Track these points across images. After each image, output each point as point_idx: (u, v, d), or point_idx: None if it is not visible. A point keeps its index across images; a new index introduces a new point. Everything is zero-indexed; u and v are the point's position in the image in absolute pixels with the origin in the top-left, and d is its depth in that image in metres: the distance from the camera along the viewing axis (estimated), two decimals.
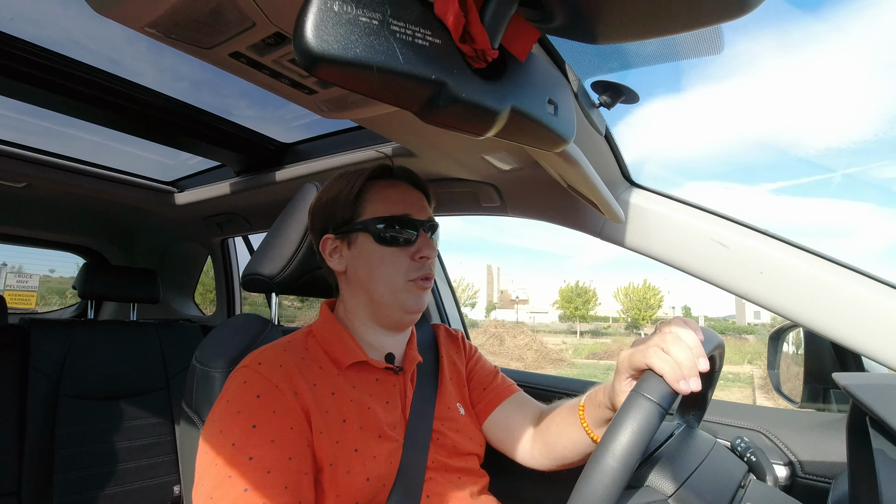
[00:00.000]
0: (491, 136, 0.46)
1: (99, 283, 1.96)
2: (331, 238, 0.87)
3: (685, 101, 26.49)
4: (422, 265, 0.84)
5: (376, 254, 0.83)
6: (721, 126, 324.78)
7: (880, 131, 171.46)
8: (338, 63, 0.32)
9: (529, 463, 0.93)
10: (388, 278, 0.82)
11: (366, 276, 0.84)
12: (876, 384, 0.59)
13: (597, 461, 0.55)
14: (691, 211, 1.00)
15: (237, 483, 0.63)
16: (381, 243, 0.82)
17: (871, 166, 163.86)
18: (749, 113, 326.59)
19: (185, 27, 0.64)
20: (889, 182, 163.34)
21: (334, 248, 0.87)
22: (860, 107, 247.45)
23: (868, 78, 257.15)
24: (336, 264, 0.87)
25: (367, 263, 0.83)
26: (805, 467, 0.99)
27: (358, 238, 0.84)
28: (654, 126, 23.79)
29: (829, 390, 1.12)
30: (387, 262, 0.82)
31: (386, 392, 0.84)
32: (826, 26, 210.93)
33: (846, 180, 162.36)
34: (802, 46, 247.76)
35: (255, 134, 1.50)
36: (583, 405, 0.82)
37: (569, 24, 0.43)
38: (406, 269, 0.83)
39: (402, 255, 0.83)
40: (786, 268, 0.88)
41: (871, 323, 0.81)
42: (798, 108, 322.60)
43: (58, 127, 1.53)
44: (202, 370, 0.92)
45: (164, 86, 1.28)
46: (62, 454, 1.57)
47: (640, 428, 0.55)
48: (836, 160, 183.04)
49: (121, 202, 1.95)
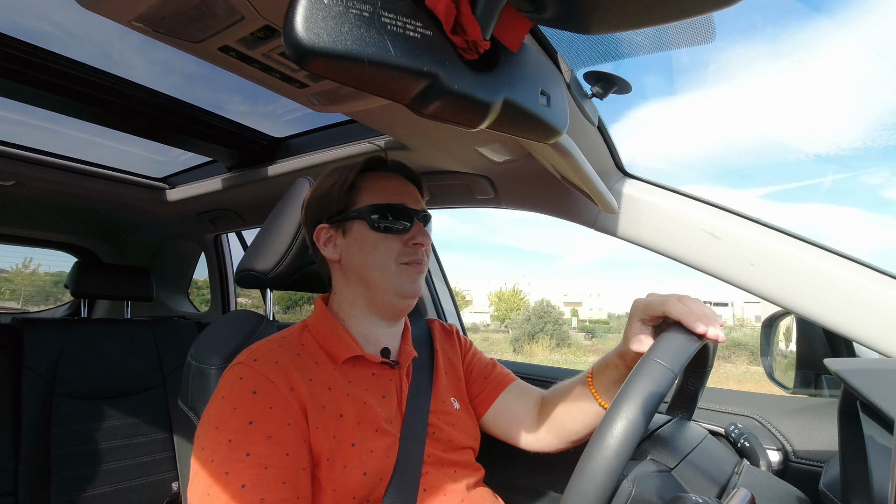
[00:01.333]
0: (484, 128, 0.46)
1: (91, 282, 1.94)
2: (325, 227, 0.87)
3: (675, 106, 26.33)
4: (414, 251, 0.85)
5: (371, 241, 0.83)
6: (712, 131, 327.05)
7: (868, 139, 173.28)
8: (328, 56, 0.32)
9: (536, 446, 0.94)
10: (381, 262, 0.83)
11: (360, 263, 0.84)
12: (866, 369, 0.60)
13: (610, 419, 0.55)
14: (684, 200, 1.00)
15: (235, 479, 0.63)
16: (375, 230, 0.83)
17: (860, 173, 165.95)
18: (741, 118, 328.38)
19: (173, 21, 0.63)
20: (876, 188, 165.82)
21: (328, 238, 0.87)
22: (849, 115, 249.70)
23: (856, 87, 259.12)
24: (330, 253, 0.87)
25: (361, 250, 0.84)
26: (798, 452, 1.00)
27: (353, 226, 0.84)
28: (644, 130, 23.43)
29: (820, 376, 1.14)
30: (380, 247, 0.83)
31: (382, 386, 0.84)
32: (814, 35, 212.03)
33: (836, 186, 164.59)
34: (792, 53, 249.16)
35: (247, 129, 1.49)
36: (591, 373, 0.86)
37: (560, 14, 0.43)
38: (398, 253, 0.84)
39: (395, 241, 0.84)
40: (777, 255, 0.89)
41: (861, 309, 0.82)
42: (789, 114, 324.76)
43: (47, 124, 1.51)
44: (197, 367, 0.92)
45: (153, 81, 1.26)
46: (58, 453, 1.56)
47: (651, 390, 0.56)
48: (826, 166, 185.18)
49: (112, 199, 1.93)
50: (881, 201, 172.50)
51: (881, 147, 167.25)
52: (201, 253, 2.60)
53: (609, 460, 0.52)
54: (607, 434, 0.53)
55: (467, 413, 0.96)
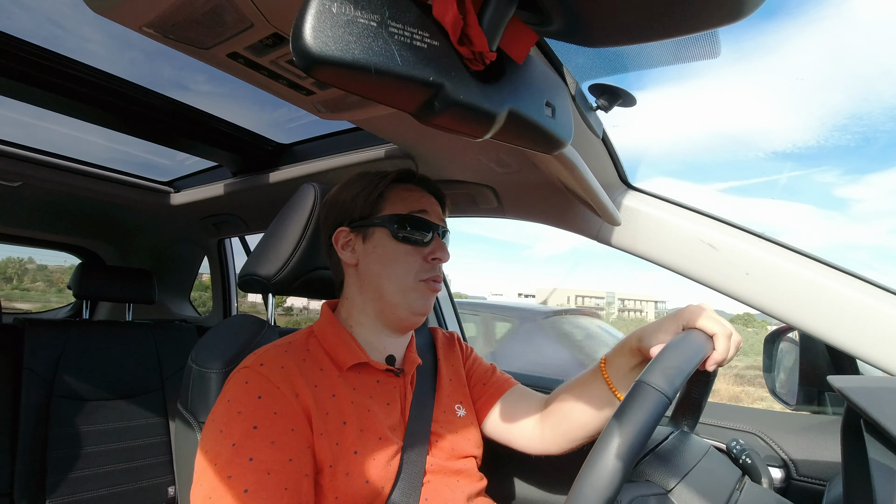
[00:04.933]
0: (488, 139, 0.46)
1: (94, 284, 1.95)
2: (345, 231, 0.86)
3: (639, 100, 26.76)
4: (433, 267, 0.85)
5: (390, 251, 0.83)
6: (672, 126, 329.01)
7: (822, 138, 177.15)
8: (336, 64, 0.32)
9: (539, 447, 0.92)
10: (399, 276, 0.83)
11: (377, 272, 0.84)
12: (870, 387, 0.60)
13: (603, 444, 0.53)
14: (686, 213, 1.00)
15: (237, 484, 0.63)
16: (396, 240, 0.83)
17: (813, 171, 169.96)
18: (703, 114, 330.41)
19: (183, 27, 0.64)
20: (828, 186, 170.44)
21: (347, 241, 0.87)
22: (806, 115, 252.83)
23: (813, 89, 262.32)
24: (348, 257, 0.86)
25: (381, 259, 0.83)
26: (800, 469, 0.99)
27: (374, 233, 0.84)
28: (605, 123, 23.69)
29: (824, 393, 1.13)
30: (400, 260, 0.83)
31: (387, 394, 0.84)
32: (774, 39, 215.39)
33: (791, 182, 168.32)
34: (753, 54, 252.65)
35: (253, 134, 1.50)
36: (605, 360, 0.85)
37: (566, 27, 0.43)
38: (418, 269, 0.83)
39: (415, 255, 0.84)
40: (777, 270, 0.89)
41: (864, 325, 0.82)
42: (750, 112, 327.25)
43: (54, 126, 1.52)
44: (198, 371, 0.92)
45: (161, 86, 1.28)
46: (55, 455, 1.56)
47: (646, 417, 0.54)
48: (783, 163, 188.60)
49: (117, 202, 1.94)
50: (832, 199, 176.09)
51: (833, 147, 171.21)
52: (204, 257, 2.60)
53: (601, 491, 0.51)
54: (598, 463, 0.52)
55: (472, 420, 0.95)
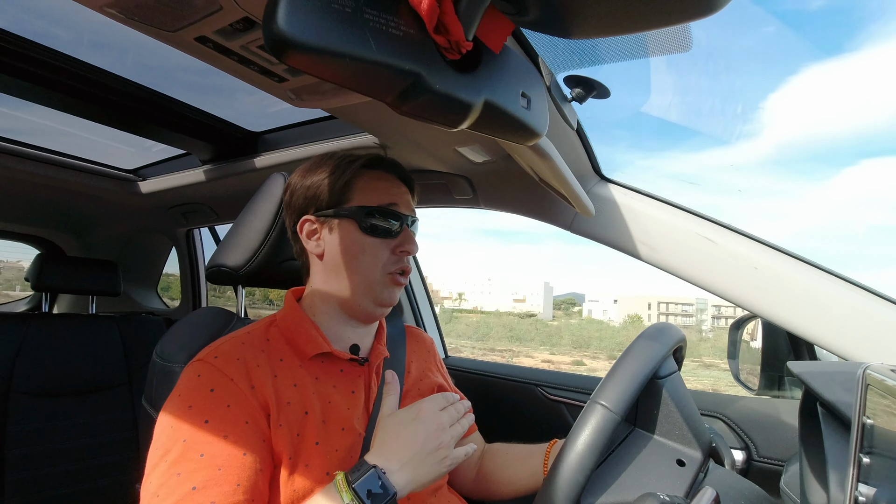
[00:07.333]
0: (464, 129, 0.46)
1: (54, 275, 1.87)
2: (311, 220, 0.84)
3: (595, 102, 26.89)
4: (400, 259, 0.83)
5: (358, 243, 0.81)
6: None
7: None
8: (309, 51, 0.31)
9: (464, 488, 0.97)
10: (366, 269, 0.81)
11: (343, 264, 0.82)
12: (826, 371, 0.63)
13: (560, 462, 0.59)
14: (657, 204, 1.02)
15: (185, 481, 0.61)
16: (364, 232, 0.81)
17: None
18: None
19: (148, 8, 0.61)
20: None
21: (313, 231, 0.84)
22: None
23: None
24: (313, 247, 0.84)
25: (348, 251, 0.81)
26: (761, 451, 1.03)
27: (341, 224, 0.82)
28: None
29: (784, 378, 1.18)
30: (367, 252, 0.81)
31: (351, 383, 0.82)
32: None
33: None
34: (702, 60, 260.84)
35: (223, 122, 1.45)
36: (555, 442, 0.91)
37: (543, 17, 0.43)
38: (385, 262, 0.82)
39: (383, 247, 0.82)
40: (741, 258, 0.92)
41: (821, 313, 0.85)
42: None
43: (10, 111, 1.44)
44: (162, 365, 0.89)
45: (127, 70, 1.22)
46: (14, 453, 1.50)
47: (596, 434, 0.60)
48: None
49: (79, 191, 1.86)
50: None
51: None
52: (172, 247, 2.53)
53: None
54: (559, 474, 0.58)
55: None
